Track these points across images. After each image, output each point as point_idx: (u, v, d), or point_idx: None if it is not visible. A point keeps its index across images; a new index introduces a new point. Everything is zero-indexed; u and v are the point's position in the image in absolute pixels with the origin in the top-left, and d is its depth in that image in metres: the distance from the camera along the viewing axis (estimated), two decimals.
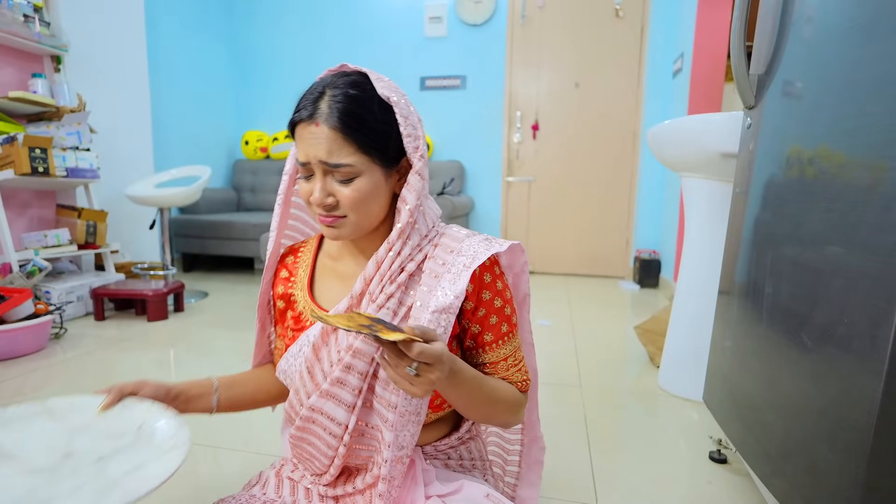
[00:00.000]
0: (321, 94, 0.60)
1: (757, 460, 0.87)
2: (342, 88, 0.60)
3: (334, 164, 0.59)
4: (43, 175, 2.09)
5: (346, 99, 0.60)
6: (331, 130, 0.59)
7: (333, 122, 0.59)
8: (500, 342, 0.66)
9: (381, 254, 0.64)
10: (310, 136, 0.60)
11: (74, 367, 1.69)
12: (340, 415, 0.62)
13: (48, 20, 2.32)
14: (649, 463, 1.15)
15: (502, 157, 3.63)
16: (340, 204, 0.61)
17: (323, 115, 0.59)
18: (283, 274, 0.76)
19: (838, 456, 0.63)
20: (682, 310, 1.53)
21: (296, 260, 0.76)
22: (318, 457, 0.66)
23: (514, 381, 0.67)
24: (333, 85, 0.61)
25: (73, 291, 2.20)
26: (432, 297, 0.61)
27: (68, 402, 0.65)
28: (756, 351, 0.90)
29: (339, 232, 0.63)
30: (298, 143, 0.61)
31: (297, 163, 0.62)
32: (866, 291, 0.60)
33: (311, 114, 0.60)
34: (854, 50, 0.67)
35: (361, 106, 0.60)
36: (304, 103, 0.61)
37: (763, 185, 0.92)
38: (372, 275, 0.64)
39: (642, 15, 3.29)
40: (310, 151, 0.60)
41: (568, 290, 3.12)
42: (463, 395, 0.59)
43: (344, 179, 0.61)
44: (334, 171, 0.60)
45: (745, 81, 0.96)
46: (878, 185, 0.59)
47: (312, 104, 0.60)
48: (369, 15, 3.71)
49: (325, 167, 0.60)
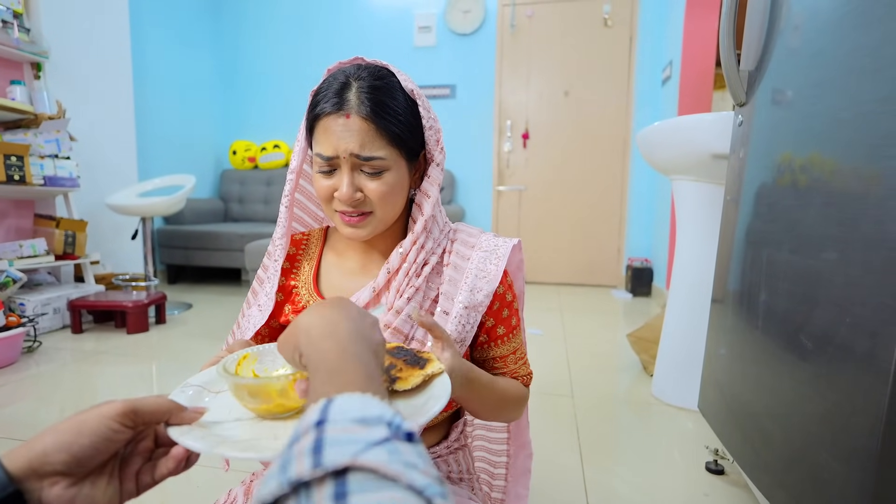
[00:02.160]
0: (346, 85, 0.58)
1: (756, 471, 0.83)
2: (368, 80, 0.58)
3: (367, 156, 0.57)
4: (19, 183, 2.03)
5: (377, 90, 0.58)
6: (363, 121, 0.57)
7: (366, 112, 0.57)
8: (510, 336, 0.66)
9: (406, 246, 0.63)
10: (341, 129, 0.57)
11: (46, 381, 1.62)
12: None
13: (28, 26, 2.27)
14: (644, 475, 1.11)
15: (493, 166, 3.62)
16: (368, 199, 0.59)
17: (353, 107, 0.57)
18: (284, 265, 0.70)
19: (843, 464, 0.59)
20: (676, 317, 1.49)
21: (298, 252, 0.71)
22: None
23: (520, 376, 0.67)
24: (358, 76, 0.58)
25: (49, 303, 2.13)
26: (459, 291, 0.62)
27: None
28: (753, 358, 0.87)
29: (361, 231, 0.61)
30: (323, 136, 0.58)
31: (319, 158, 0.59)
32: (869, 289, 0.57)
33: (340, 105, 0.57)
34: (846, 42, 0.65)
35: (392, 97, 0.59)
36: (327, 95, 0.58)
37: (754, 193, 0.90)
38: (397, 267, 0.63)
39: (630, 24, 3.32)
40: (339, 144, 0.57)
41: (560, 299, 3.08)
42: (476, 399, 0.59)
43: (373, 173, 0.59)
44: (364, 165, 0.58)
45: (736, 78, 0.94)
46: (874, 182, 0.57)
47: (338, 95, 0.57)
48: (358, 24, 3.71)
49: (356, 160, 0.58)
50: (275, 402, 0.43)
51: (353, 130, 0.56)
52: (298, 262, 0.71)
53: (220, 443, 0.40)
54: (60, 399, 1.48)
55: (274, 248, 0.68)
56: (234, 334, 0.74)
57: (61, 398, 1.49)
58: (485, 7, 3.49)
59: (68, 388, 1.55)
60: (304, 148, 0.66)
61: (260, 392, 0.43)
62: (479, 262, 0.64)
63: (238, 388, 0.44)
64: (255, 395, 0.43)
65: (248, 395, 0.44)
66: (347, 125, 0.57)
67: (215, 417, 0.45)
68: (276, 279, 0.67)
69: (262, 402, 0.43)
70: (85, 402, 1.48)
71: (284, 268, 0.70)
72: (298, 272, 0.70)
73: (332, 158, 0.58)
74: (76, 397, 1.50)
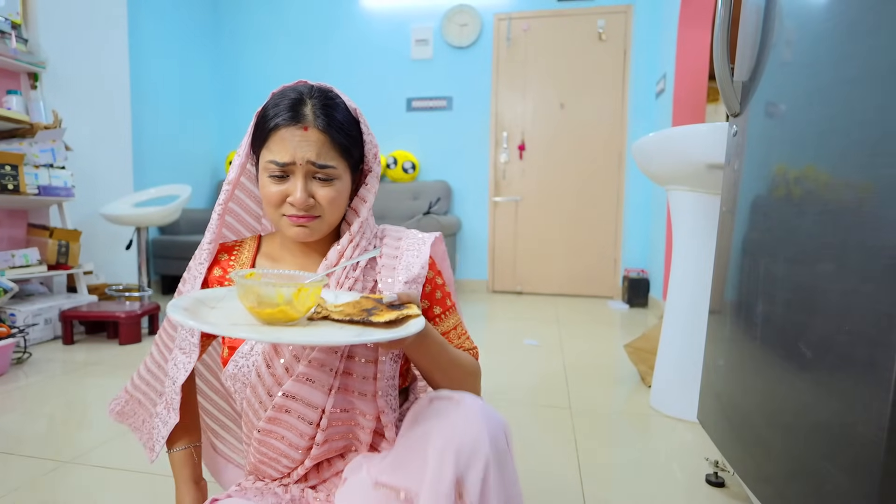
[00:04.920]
0: (301, 102, 0.64)
1: (757, 482, 0.82)
2: (321, 98, 0.66)
3: (321, 164, 0.64)
4: (12, 192, 2.01)
5: (329, 107, 0.66)
6: (320, 133, 0.64)
7: (321, 125, 0.64)
8: (445, 314, 0.74)
9: (343, 244, 0.69)
10: (298, 139, 0.63)
11: (35, 392, 1.59)
12: (318, 398, 0.64)
13: (26, 37, 2.28)
14: (643, 487, 1.09)
15: (489, 177, 3.63)
16: (318, 204, 0.65)
17: (310, 120, 0.64)
18: (216, 273, 0.74)
19: (845, 475, 0.59)
20: (673, 328, 1.49)
21: (230, 258, 0.75)
22: (288, 452, 0.66)
23: (466, 349, 0.74)
24: (311, 95, 0.66)
25: (40, 314, 2.10)
26: (396, 272, 0.69)
27: None
28: (751, 368, 0.86)
29: (308, 232, 0.66)
30: (280, 145, 0.64)
31: (273, 164, 0.64)
32: (867, 298, 0.56)
33: (298, 118, 0.64)
34: (836, 53, 0.65)
35: (341, 114, 0.67)
36: (282, 109, 0.64)
37: (750, 203, 0.91)
38: (334, 263, 0.69)
39: (625, 38, 3.36)
40: (297, 153, 0.63)
41: (556, 310, 3.07)
42: (433, 356, 0.65)
43: (325, 179, 0.65)
44: (318, 172, 0.65)
45: (730, 88, 0.94)
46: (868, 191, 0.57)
47: (294, 109, 0.64)
48: (356, 37, 3.75)
49: (311, 167, 0.64)
50: (279, 309, 0.51)
51: (310, 141, 0.63)
52: (232, 268, 0.74)
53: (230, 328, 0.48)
54: (49, 411, 1.45)
55: (200, 252, 0.73)
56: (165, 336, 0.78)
57: (50, 410, 1.46)
58: (481, 21, 3.53)
59: (57, 400, 1.53)
60: (244, 163, 0.72)
61: (270, 298, 0.51)
62: (407, 248, 0.73)
63: (249, 291, 0.51)
64: (264, 301, 0.51)
65: (256, 300, 0.51)
66: (305, 136, 0.64)
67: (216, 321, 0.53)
68: (199, 281, 0.71)
69: (268, 307, 0.51)
70: (74, 415, 1.45)
71: (216, 275, 0.73)
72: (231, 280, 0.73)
73: (288, 165, 0.63)
74: (65, 409, 1.47)
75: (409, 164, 3.63)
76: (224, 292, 0.63)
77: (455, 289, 0.81)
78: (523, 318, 2.82)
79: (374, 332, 0.52)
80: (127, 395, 0.84)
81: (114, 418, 0.84)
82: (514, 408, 1.51)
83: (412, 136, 3.72)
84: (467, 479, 0.51)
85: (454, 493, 0.51)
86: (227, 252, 0.76)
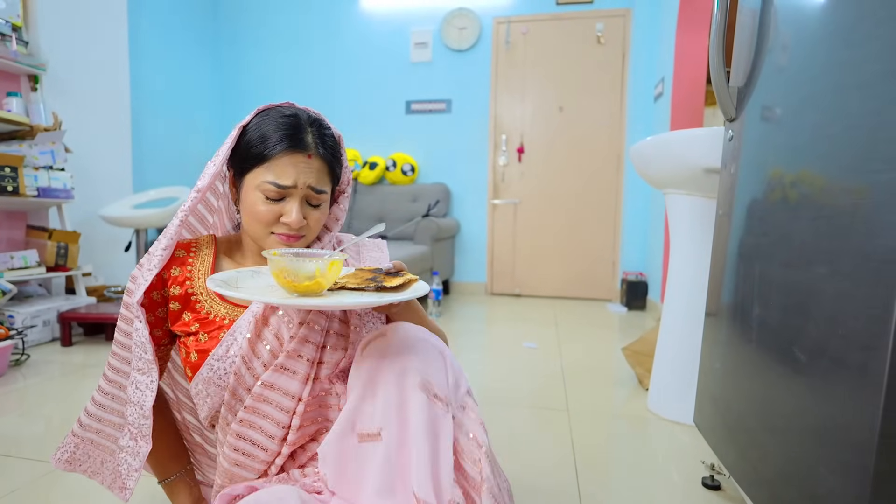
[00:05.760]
0: (302, 129, 0.70)
1: (753, 486, 0.82)
2: (320, 128, 0.72)
3: (319, 189, 0.70)
4: (12, 194, 2.02)
5: (327, 137, 0.72)
6: (322, 162, 0.71)
7: (323, 153, 0.71)
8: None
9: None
10: (303, 165, 0.69)
11: (33, 394, 1.59)
12: (295, 387, 0.67)
13: (27, 39, 2.29)
14: (640, 490, 1.09)
15: (488, 180, 3.64)
16: (307, 225, 0.71)
17: (313, 148, 0.70)
18: (175, 272, 0.73)
19: (839, 479, 0.59)
20: (670, 331, 1.49)
21: (189, 255, 0.75)
22: (265, 443, 0.67)
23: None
24: (311, 123, 0.71)
25: (38, 316, 2.10)
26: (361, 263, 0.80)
27: None
28: (747, 371, 0.86)
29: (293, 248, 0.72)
30: (282, 169, 0.68)
31: (273, 186, 0.68)
32: (861, 302, 0.57)
33: (303, 145, 0.69)
34: (831, 59, 0.66)
35: (335, 143, 0.74)
36: (285, 135, 0.68)
37: (746, 207, 0.91)
38: None
39: (623, 41, 3.37)
40: (300, 178, 0.69)
41: (554, 312, 3.08)
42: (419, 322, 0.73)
43: (316, 204, 0.71)
44: (313, 197, 0.70)
45: (726, 94, 0.95)
46: (862, 196, 0.57)
47: (297, 136, 0.69)
48: (355, 40, 3.76)
49: (310, 192, 0.70)
50: (314, 281, 0.58)
51: (313, 168, 0.69)
52: (191, 265, 0.74)
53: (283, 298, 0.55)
54: (47, 413, 1.45)
55: (150, 258, 0.71)
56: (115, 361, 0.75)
57: (47, 412, 1.46)
58: (480, 24, 3.54)
59: (54, 402, 1.53)
60: (219, 172, 0.74)
61: (307, 271, 0.57)
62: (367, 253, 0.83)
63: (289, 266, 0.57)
64: (301, 274, 0.57)
65: (294, 274, 0.57)
66: (309, 163, 0.69)
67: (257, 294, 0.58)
68: (144, 287, 0.69)
69: (305, 279, 0.58)
70: (71, 417, 1.45)
71: (175, 275, 0.73)
72: (192, 279, 0.73)
73: (289, 188, 0.68)
74: (62, 411, 1.47)
75: (409, 166, 3.64)
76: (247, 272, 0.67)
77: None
78: (522, 321, 2.82)
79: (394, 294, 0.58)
80: (76, 439, 0.79)
81: (62, 468, 0.79)
82: (512, 410, 1.52)
83: (411, 139, 3.72)
84: (430, 378, 0.60)
85: (428, 396, 0.59)
86: (184, 249, 0.76)
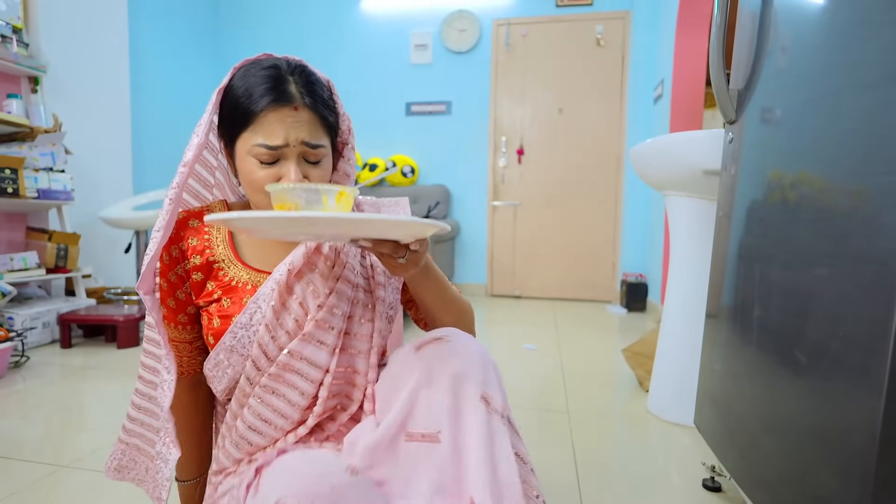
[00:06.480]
0: (283, 80, 0.61)
1: (753, 488, 0.82)
2: (303, 76, 0.62)
3: (315, 144, 0.62)
4: (12, 196, 2.02)
5: (312, 84, 0.63)
6: (310, 112, 0.61)
7: (310, 103, 0.61)
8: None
9: None
10: (290, 119, 0.60)
11: (33, 396, 1.59)
12: (322, 358, 0.64)
13: (27, 41, 2.29)
14: (640, 491, 1.09)
15: (488, 182, 3.64)
16: None
17: (298, 99, 0.60)
18: (193, 242, 0.67)
19: (839, 481, 0.59)
20: (671, 332, 1.49)
21: (203, 225, 0.69)
22: (286, 412, 0.64)
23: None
24: (291, 71, 0.62)
25: (38, 317, 2.10)
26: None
27: None
28: (747, 373, 0.86)
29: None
30: (269, 127, 0.60)
31: (263, 148, 0.60)
32: (860, 304, 0.57)
33: (286, 98, 0.60)
34: (830, 62, 0.66)
35: (322, 89, 0.64)
36: (266, 89, 0.60)
37: (746, 209, 0.91)
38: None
39: (623, 44, 3.38)
40: (291, 134, 0.60)
41: (554, 314, 3.08)
42: (437, 287, 0.68)
43: (315, 161, 0.63)
44: (310, 154, 0.62)
45: (726, 97, 0.95)
46: (861, 198, 0.58)
47: (279, 89, 0.60)
48: (356, 42, 3.76)
49: (305, 149, 0.61)
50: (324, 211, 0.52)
51: (302, 121, 0.60)
52: (207, 233, 0.69)
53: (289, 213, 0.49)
54: (46, 415, 1.45)
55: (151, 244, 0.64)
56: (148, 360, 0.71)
57: (47, 414, 1.46)
58: (480, 26, 3.55)
59: (54, 405, 1.52)
60: (203, 143, 0.65)
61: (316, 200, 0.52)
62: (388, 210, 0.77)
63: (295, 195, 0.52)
64: (312, 202, 0.52)
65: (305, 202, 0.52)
66: (297, 116, 0.60)
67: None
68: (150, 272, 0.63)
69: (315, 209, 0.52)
70: (72, 419, 1.45)
71: (194, 245, 0.67)
72: (212, 247, 0.68)
73: (281, 147, 0.60)
74: (63, 413, 1.47)
75: (409, 168, 3.64)
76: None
77: None
78: (522, 323, 2.82)
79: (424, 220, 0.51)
80: (122, 445, 0.75)
81: (112, 476, 0.76)
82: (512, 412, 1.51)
83: (411, 141, 3.73)
84: (489, 391, 0.60)
85: (487, 407, 0.60)
86: (197, 218, 0.70)
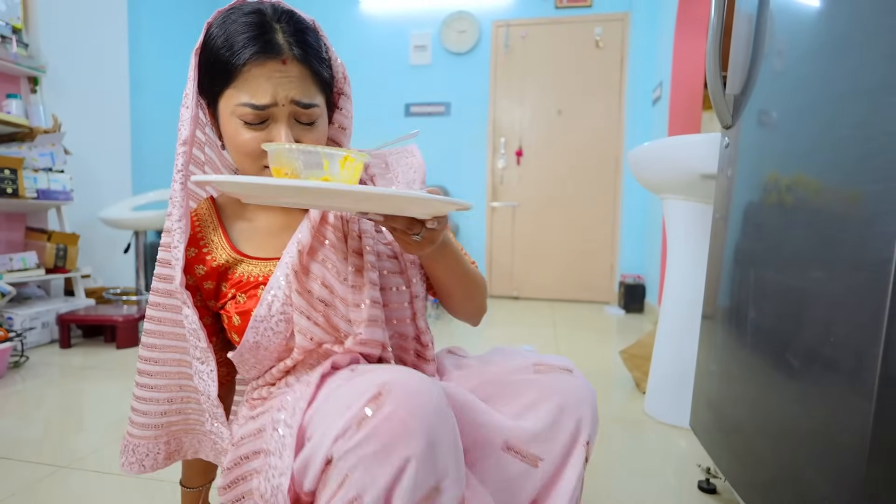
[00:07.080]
0: (268, 28, 0.52)
1: (747, 490, 0.83)
2: (291, 23, 0.54)
3: (307, 103, 0.54)
4: (11, 196, 2.02)
5: (302, 32, 0.54)
6: (300, 66, 0.53)
7: (300, 55, 0.53)
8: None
9: None
10: (279, 75, 0.52)
11: (32, 396, 1.59)
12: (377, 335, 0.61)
13: (27, 41, 2.29)
14: (636, 493, 1.10)
15: (486, 183, 3.65)
16: None
17: (286, 51, 0.52)
18: (191, 254, 0.62)
19: (830, 484, 0.60)
20: (667, 334, 1.50)
21: (197, 232, 0.63)
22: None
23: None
24: (278, 18, 0.53)
25: (37, 317, 2.10)
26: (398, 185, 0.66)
27: None
28: (742, 375, 0.87)
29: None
30: (254, 84, 0.52)
31: (248, 108, 0.52)
32: (852, 309, 0.58)
33: (271, 49, 0.51)
34: (826, 68, 0.67)
35: (314, 38, 0.55)
36: (247, 38, 0.51)
37: (742, 211, 0.92)
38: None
39: (622, 46, 3.39)
40: (279, 91, 0.52)
41: (553, 315, 3.08)
42: (453, 263, 0.63)
43: (308, 122, 0.55)
44: (301, 114, 0.54)
45: (722, 101, 0.96)
46: (854, 205, 0.58)
47: (264, 38, 0.51)
48: (355, 43, 3.77)
49: (296, 108, 0.53)
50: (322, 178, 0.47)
51: (292, 76, 0.52)
52: (203, 238, 0.63)
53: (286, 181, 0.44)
54: (45, 416, 1.45)
55: (171, 236, 0.58)
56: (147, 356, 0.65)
57: (46, 414, 1.46)
58: (479, 27, 3.55)
59: (53, 405, 1.53)
60: (196, 115, 0.58)
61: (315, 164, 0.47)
62: (396, 164, 0.67)
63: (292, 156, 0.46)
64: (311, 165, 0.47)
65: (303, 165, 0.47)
66: (285, 70, 0.52)
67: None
68: (180, 267, 0.58)
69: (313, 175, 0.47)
70: (71, 419, 1.45)
71: (192, 256, 0.61)
72: (212, 253, 0.62)
73: (268, 107, 0.52)
74: (62, 414, 1.48)
75: None
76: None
77: None
78: (520, 324, 2.83)
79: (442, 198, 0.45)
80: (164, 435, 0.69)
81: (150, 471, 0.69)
82: None
83: (410, 141, 3.73)
84: (593, 438, 0.64)
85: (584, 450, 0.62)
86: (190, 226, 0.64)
